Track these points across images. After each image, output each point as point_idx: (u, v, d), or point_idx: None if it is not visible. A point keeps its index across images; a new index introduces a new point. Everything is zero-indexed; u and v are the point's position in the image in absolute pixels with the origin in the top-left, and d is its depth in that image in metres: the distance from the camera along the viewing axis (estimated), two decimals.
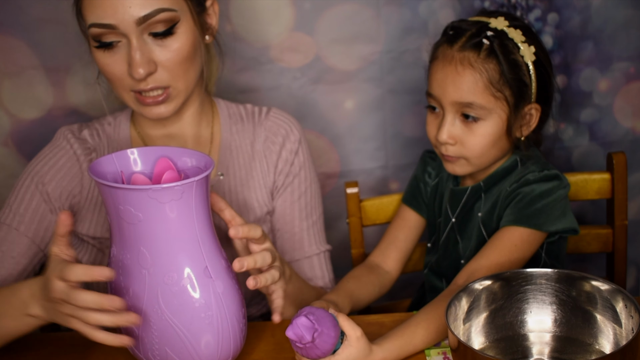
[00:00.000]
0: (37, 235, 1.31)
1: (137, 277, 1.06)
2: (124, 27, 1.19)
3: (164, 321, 1.06)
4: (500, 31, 1.31)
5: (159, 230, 1.04)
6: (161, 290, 1.05)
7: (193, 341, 1.07)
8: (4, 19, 1.62)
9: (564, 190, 1.32)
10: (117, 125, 1.39)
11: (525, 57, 1.31)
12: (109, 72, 1.25)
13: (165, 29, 1.22)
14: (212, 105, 1.42)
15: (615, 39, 1.74)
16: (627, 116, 1.80)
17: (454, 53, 1.31)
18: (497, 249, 1.28)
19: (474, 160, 1.34)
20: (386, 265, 1.48)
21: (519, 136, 1.35)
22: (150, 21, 1.20)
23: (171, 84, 1.25)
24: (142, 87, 1.24)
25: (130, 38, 1.20)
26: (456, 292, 1.12)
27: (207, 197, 1.07)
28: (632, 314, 1.05)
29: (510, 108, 1.31)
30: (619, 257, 1.54)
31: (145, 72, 1.21)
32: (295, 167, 1.41)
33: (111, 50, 1.23)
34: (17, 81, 1.67)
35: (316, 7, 1.69)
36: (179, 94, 1.27)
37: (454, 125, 1.32)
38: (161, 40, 1.22)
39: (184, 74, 1.26)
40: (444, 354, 1.17)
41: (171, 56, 1.23)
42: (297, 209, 1.41)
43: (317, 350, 1.07)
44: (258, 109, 1.43)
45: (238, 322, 1.10)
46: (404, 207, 1.52)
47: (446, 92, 1.31)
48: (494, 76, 1.29)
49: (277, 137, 1.40)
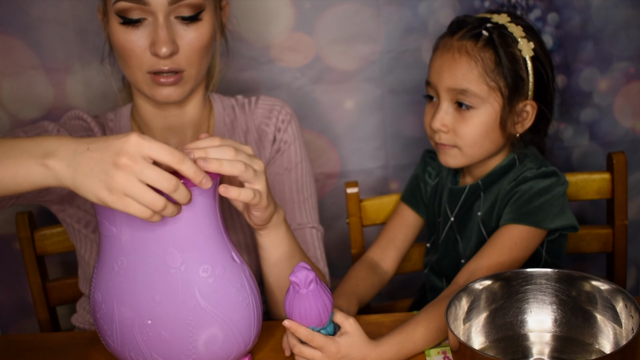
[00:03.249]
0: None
1: (164, 278, 1.04)
2: (155, 4, 1.22)
3: (205, 315, 1.05)
4: (501, 25, 1.33)
5: (188, 226, 1.03)
6: (198, 284, 1.04)
7: (234, 327, 1.07)
8: (4, 19, 1.63)
9: (562, 187, 1.32)
10: (118, 120, 1.40)
11: (523, 52, 1.32)
12: (129, 49, 1.26)
13: (193, 14, 1.25)
14: (208, 99, 1.43)
15: (615, 39, 1.74)
16: (627, 116, 1.80)
17: (453, 42, 1.33)
18: (497, 247, 1.28)
19: (467, 150, 1.34)
20: (384, 264, 1.49)
21: (513, 133, 1.35)
22: (181, 3, 1.23)
23: (186, 69, 1.27)
24: (161, 67, 1.25)
25: (157, 16, 1.23)
26: (456, 291, 1.12)
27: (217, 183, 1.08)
28: (632, 314, 1.05)
29: (504, 100, 1.31)
30: (619, 257, 1.54)
31: (169, 51, 1.23)
32: (284, 143, 1.42)
33: (136, 27, 1.24)
34: (17, 81, 1.67)
35: (316, 7, 1.69)
36: (189, 80, 1.29)
37: (447, 112, 1.33)
38: (187, 24, 1.25)
39: (198, 62, 1.28)
40: (444, 354, 1.18)
41: (192, 41, 1.26)
42: (287, 181, 1.41)
43: (317, 301, 1.07)
44: (247, 99, 1.45)
45: (261, 301, 1.13)
46: (403, 206, 1.53)
47: (442, 78, 1.33)
48: (489, 65, 1.30)
49: (270, 120, 1.42)
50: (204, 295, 1.04)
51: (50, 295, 1.57)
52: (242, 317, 1.08)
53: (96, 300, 1.08)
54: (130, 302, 1.05)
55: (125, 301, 1.05)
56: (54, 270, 1.65)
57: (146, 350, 1.06)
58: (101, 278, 1.07)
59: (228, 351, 1.08)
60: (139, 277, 1.04)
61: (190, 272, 1.04)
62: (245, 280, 1.09)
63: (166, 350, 1.06)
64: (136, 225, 1.02)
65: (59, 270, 1.72)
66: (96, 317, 1.09)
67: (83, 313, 1.47)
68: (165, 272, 1.03)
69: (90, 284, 1.13)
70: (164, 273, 1.03)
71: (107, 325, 1.07)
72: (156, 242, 1.03)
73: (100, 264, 1.07)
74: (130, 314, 1.05)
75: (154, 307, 1.04)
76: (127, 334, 1.06)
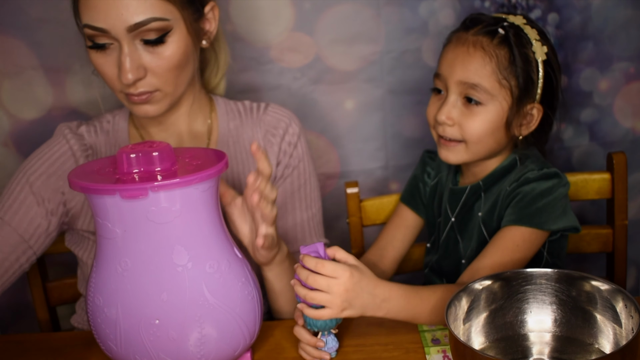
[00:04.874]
0: (26, 232, 1.30)
1: (171, 277, 1.04)
2: (115, 32, 1.20)
3: (213, 311, 1.05)
4: (517, 26, 1.33)
5: (193, 223, 1.04)
6: (205, 281, 1.05)
7: (240, 321, 1.08)
8: (4, 19, 1.62)
9: (564, 189, 1.32)
10: (116, 123, 1.40)
11: (537, 54, 1.32)
12: (101, 72, 1.26)
13: (157, 37, 1.22)
14: (210, 102, 1.42)
15: (615, 39, 1.74)
16: (627, 116, 1.80)
17: (468, 36, 1.33)
18: (499, 248, 1.28)
19: (472, 146, 1.34)
20: (382, 264, 1.49)
21: (517, 134, 1.35)
22: (141, 29, 1.20)
23: (159, 88, 1.26)
24: (132, 92, 1.24)
25: (121, 43, 1.21)
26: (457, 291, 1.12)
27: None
28: (632, 314, 1.05)
29: (513, 100, 1.31)
30: (619, 257, 1.54)
31: (134, 78, 1.22)
32: (294, 159, 1.41)
33: (104, 51, 1.23)
34: (17, 81, 1.67)
35: (316, 7, 1.69)
36: (166, 97, 1.28)
37: (455, 106, 1.33)
38: (152, 47, 1.22)
39: (173, 80, 1.26)
40: (444, 353, 1.17)
41: (161, 63, 1.24)
42: (297, 200, 1.42)
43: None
44: (256, 104, 1.43)
45: (261, 295, 1.15)
46: (402, 206, 1.53)
47: (454, 71, 1.32)
48: (503, 63, 1.30)
49: (277, 130, 1.41)
50: (211, 290, 1.05)
51: (50, 295, 1.57)
52: (248, 310, 1.09)
53: (97, 304, 1.07)
54: (135, 303, 1.04)
55: (130, 302, 1.05)
56: (54, 270, 1.65)
57: (153, 351, 1.05)
58: (102, 281, 1.07)
59: (235, 345, 1.09)
60: (145, 277, 1.04)
61: (197, 269, 1.05)
62: (248, 274, 1.11)
63: (174, 349, 1.06)
64: (141, 225, 1.02)
65: (59, 270, 1.72)
66: (96, 322, 1.08)
67: (82, 314, 1.47)
68: (172, 270, 1.04)
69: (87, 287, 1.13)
70: (171, 271, 1.04)
71: (109, 329, 1.06)
72: (162, 241, 1.03)
73: (100, 267, 1.07)
74: (136, 315, 1.04)
75: (162, 306, 1.04)
76: (133, 336, 1.05)
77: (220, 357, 1.09)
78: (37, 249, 1.31)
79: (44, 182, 1.31)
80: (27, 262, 1.31)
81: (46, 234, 1.32)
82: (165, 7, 1.21)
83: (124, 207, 1.01)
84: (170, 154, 1.07)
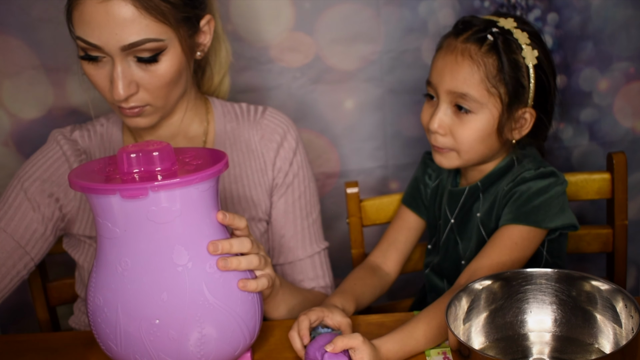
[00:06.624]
0: (23, 238, 1.30)
1: (171, 277, 1.04)
2: (108, 49, 1.19)
3: (213, 311, 1.05)
4: (507, 30, 1.32)
5: (193, 223, 1.04)
6: (205, 280, 1.05)
7: (240, 320, 1.08)
8: (4, 19, 1.62)
9: (561, 187, 1.32)
10: (110, 126, 1.39)
11: (527, 59, 1.31)
12: (93, 82, 1.26)
13: (150, 56, 1.21)
14: (207, 104, 1.42)
15: (615, 39, 1.74)
16: (627, 116, 1.80)
17: (457, 44, 1.32)
18: (497, 248, 1.28)
19: (463, 154, 1.34)
20: (386, 266, 1.48)
21: (510, 139, 1.35)
22: (135, 49, 1.19)
23: (150, 103, 1.25)
24: (123, 105, 1.24)
25: (114, 59, 1.20)
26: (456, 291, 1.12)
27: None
28: (632, 314, 1.05)
29: (504, 107, 1.31)
30: (619, 257, 1.54)
31: (126, 94, 1.21)
32: (294, 167, 1.41)
33: (96, 63, 1.23)
34: (17, 81, 1.67)
35: (316, 7, 1.69)
36: (157, 111, 1.28)
37: (446, 114, 1.33)
38: (145, 65, 1.21)
39: (165, 95, 1.26)
40: (444, 354, 1.18)
41: (154, 81, 1.23)
42: (298, 208, 1.42)
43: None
44: (254, 107, 1.43)
45: (261, 295, 1.16)
46: (404, 208, 1.53)
47: (443, 80, 1.32)
48: (491, 71, 1.29)
49: (274, 136, 1.41)
50: (211, 290, 1.05)
51: (50, 295, 1.57)
52: (248, 310, 1.09)
53: (97, 304, 1.07)
54: (136, 302, 1.04)
55: (130, 302, 1.05)
56: (54, 270, 1.65)
57: (153, 351, 1.05)
58: (102, 281, 1.07)
59: (235, 345, 1.09)
60: (145, 277, 1.04)
61: (197, 269, 1.05)
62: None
63: (174, 349, 1.06)
64: (141, 225, 1.02)
65: (59, 271, 1.72)
66: (96, 321, 1.08)
67: (80, 315, 1.47)
68: (172, 270, 1.04)
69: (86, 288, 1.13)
70: (171, 271, 1.04)
71: (109, 329, 1.06)
72: (162, 241, 1.03)
73: (100, 267, 1.07)
74: (136, 315, 1.04)
75: (162, 305, 1.04)
76: (133, 336, 1.05)
77: (220, 357, 1.09)
78: (35, 255, 1.31)
79: (38, 187, 1.32)
80: (24, 269, 1.31)
81: (43, 240, 1.32)
82: (161, 28, 1.20)
83: (124, 206, 1.01)
84: (170, 153, 1.07)
